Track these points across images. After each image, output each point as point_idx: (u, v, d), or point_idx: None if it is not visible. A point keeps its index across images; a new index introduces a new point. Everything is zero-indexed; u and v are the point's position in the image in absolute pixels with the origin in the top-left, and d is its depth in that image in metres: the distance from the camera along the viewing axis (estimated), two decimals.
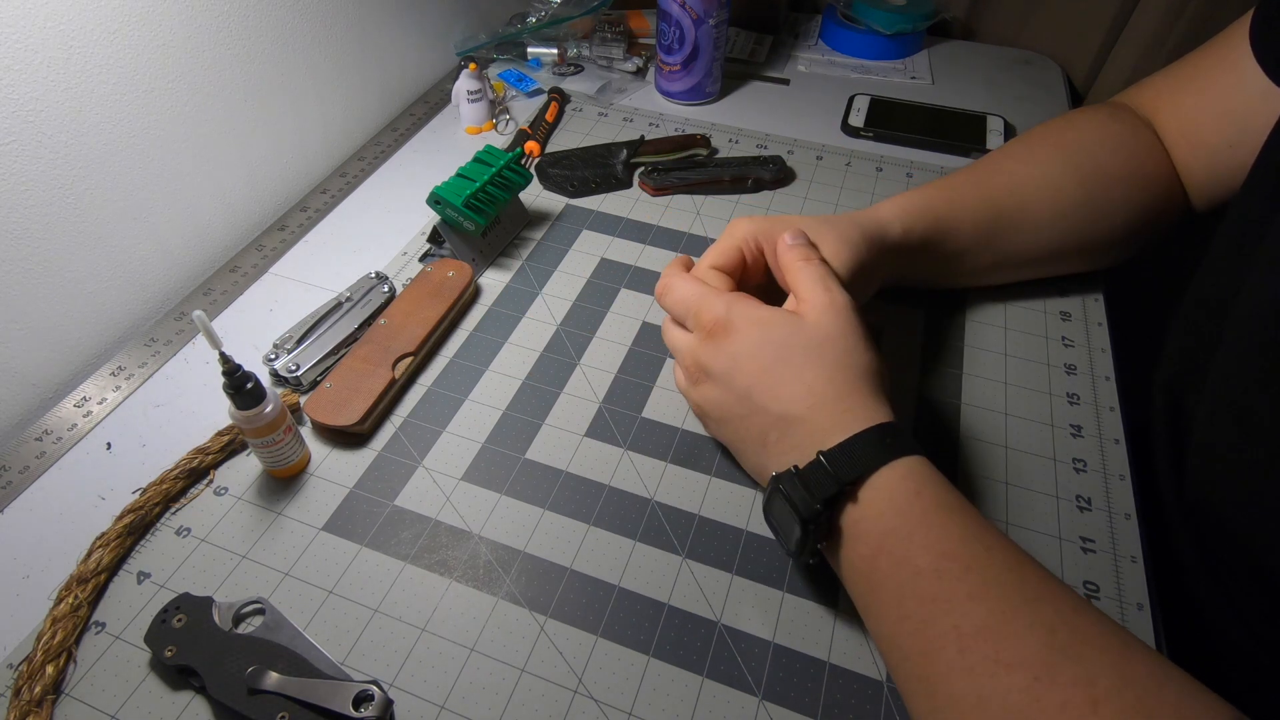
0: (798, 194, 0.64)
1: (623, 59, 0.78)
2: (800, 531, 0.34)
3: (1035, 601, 0.29)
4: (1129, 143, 0.51)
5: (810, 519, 0.33)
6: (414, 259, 0.56)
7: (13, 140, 0.42)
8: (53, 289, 0.47)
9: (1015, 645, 0.28)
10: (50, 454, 0.44)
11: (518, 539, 0.40)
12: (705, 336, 0.40)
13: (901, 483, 0.33)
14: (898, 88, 0.78)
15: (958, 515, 0.32)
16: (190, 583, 0.38)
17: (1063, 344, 0.51)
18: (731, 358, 0.38)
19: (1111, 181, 0.50)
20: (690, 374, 0.41)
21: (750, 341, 0.38)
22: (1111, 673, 0.26)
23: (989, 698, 0.27)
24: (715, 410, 0.40)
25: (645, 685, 0.35)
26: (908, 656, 0.31)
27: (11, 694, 0.34)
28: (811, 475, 0.34)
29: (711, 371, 0.39)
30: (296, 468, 0.43)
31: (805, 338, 0.37)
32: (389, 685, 0.35)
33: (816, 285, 0.39)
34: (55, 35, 0.42)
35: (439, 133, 0.70)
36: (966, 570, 0.30)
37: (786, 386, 0.36)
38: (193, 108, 0.52)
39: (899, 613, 0.31)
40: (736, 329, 0.38)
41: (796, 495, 0.33)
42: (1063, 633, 0.28)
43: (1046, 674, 0.27)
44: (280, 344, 0.48)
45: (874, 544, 0.33)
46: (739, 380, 0.38)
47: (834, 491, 0.33)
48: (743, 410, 0.38)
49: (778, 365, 0.37)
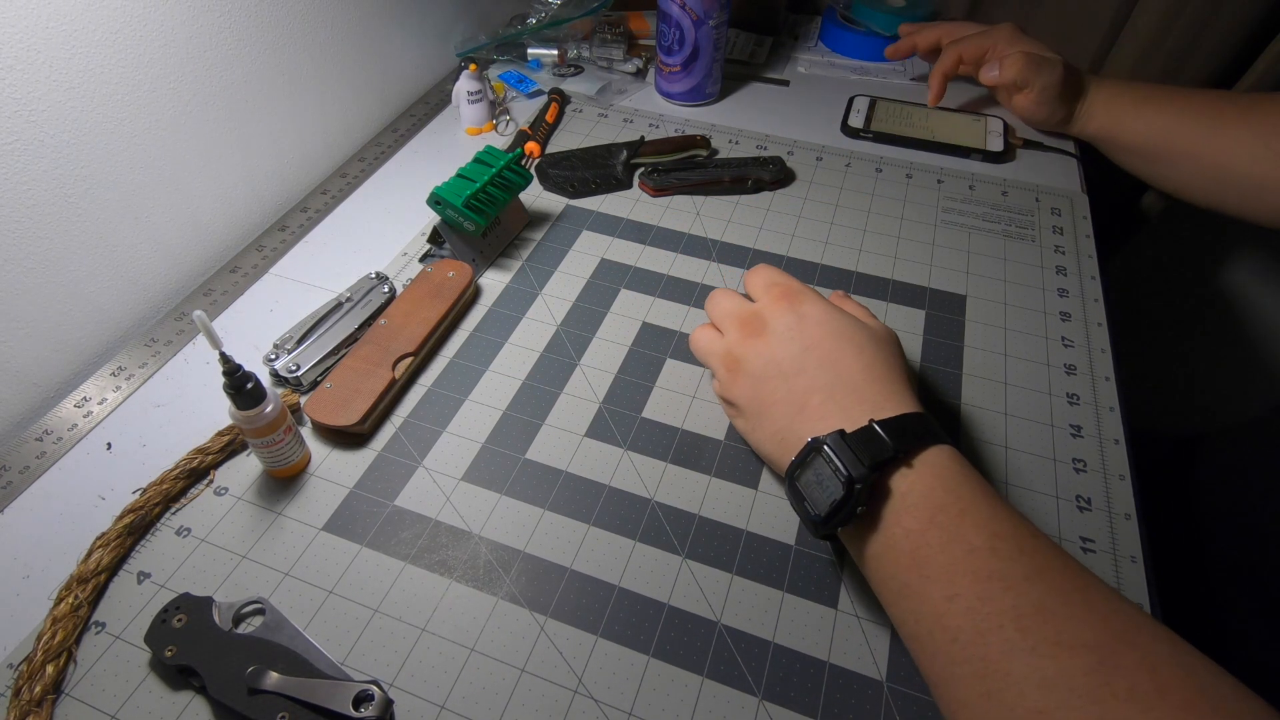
0: (797, 195, 0.64)
1: (623, 60, 0.78)
2: (843, 494, 0.33)
3: (1086, 588, 0.29)
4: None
5: (859, 479, 0.32)
6: (414, 259, 0.57)
7: (14, 140, 0.42)
8: (53, 289, 0.47)
9: (1076, 628, 0.28)
10: (50, 454, 0.44)
11: (518, 539, 0.40)
12: (779, 297, 0.40)
13: (953, 461, 0.34)
14: (897, 89, 0.78)
15: (1004, 503, 0.33)
16: (190, 583, 0.38)
17: (1063, 344, 0.51)
18: (800, 317, 0.39)
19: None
20: (746, 325, 0.41)
21: (821, 310, 0.40)
22: (1171, 661, 0.27)
23: (1054, 679, 0.27)
24: (757, 366, 0.39)
25: (645, 685, 0.35)
26: (957, 637, 0.30)
27: (11, 694, 0.34)
28: (864, 438, 0.34)
29: (771, 325, 0.40)
30: (296, 468, 0.43)
31: (867, 328, 0.39)
32: (389, 685, 0.35)
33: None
34: (57, 36, 0.43)
35: (439, 133, 0.71)
36: (1020, 551, 0.31)
37: (847, 357, 0.37)
38: (194, 108, 0.52)
39: (949, 590, 0.31)
40: (810, 298, 0.40)
41: (845, 456, 0.33)
42: (1118, 620, 0.28)
43: (1111, 657, 0.27)
44: (280, 344, 0.48)
45: (924, 518, 0.32)
46: (802, 337, 0.39)
47: (888, 456, 0.33)
48: (792, 368, 0.38)
49: (841, 337, 0.38)
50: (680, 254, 0.58)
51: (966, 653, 0.29)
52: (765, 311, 0.40)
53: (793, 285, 0.41)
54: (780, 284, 0.41)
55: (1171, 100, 0.59)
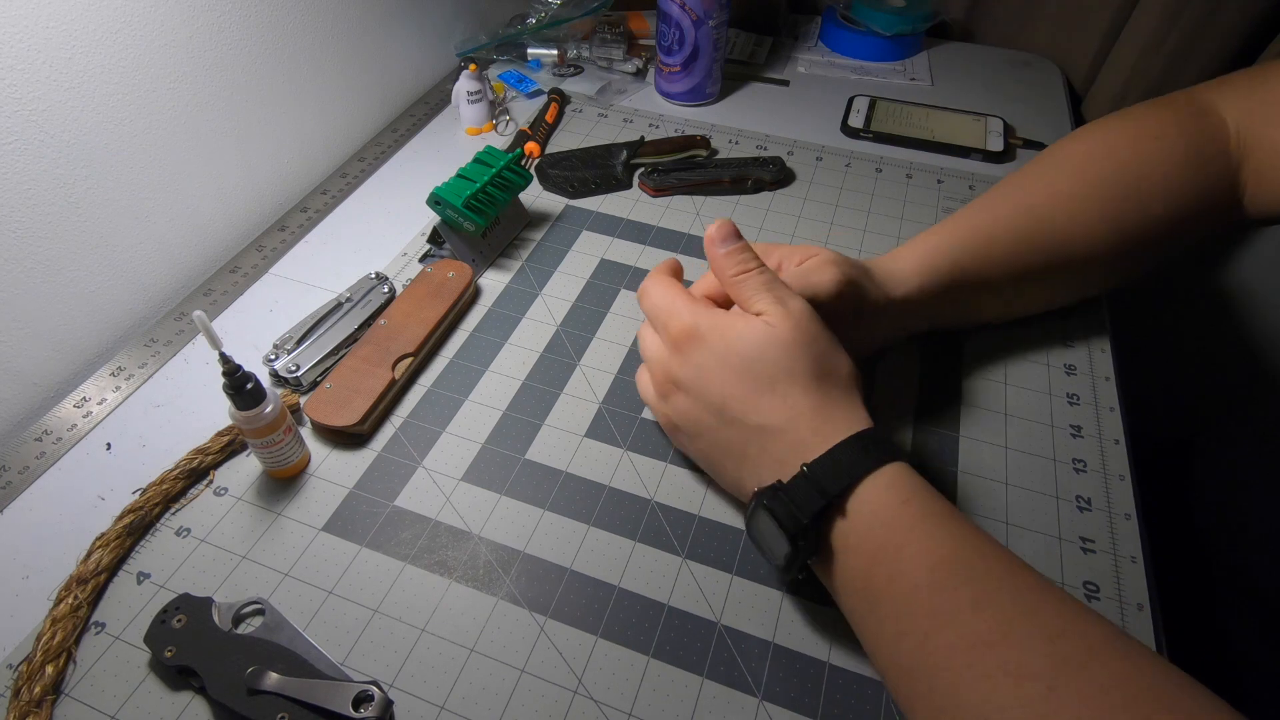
0: (797, 195, 0.64)
1: (623, 60, 0.78)
2: (790, 548, 0.33)
3: (1035, 609, 0.29)
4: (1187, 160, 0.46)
5: (798, 534, 0.32)
6: (414, 259, 0.57)
7: (15, 139, 0.42)
8: (53, 289, 0.47)
9: (1023, 656, 0.27)
10: (50, 454, 0.44)
11: (518, 539, 0.40)
12: (673, 347, 0.38)
13: (887, 493, 0.32)
14: (897, 89, 0.78)
15: (948, 523, 0.32)
16: (190, 583, 0.38)
17: (1063, 344, 0.51)
18: (698, 368, 0.37)
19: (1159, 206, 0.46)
20: (660, 386, 0.40)
21: (717, 351, 0.36)
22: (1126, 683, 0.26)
23: (1006, 707, 0.27)
24: (687, 424, 0.39)
25: (645, 686, 0.35)
26: (909, 673, 0.30)
27: (11, 694, 0.34)
28: (797, 489, 0.33)
29: (681, 382, 0.38)
30: (296, 468, 0.43)
31: (775, 347, 0.35)
32: (389, 686, 0.35)
33: (764, 297, 0.37)
34: (58, 35, 0.43)
35: (439, 133, 0.70)
36: (964, 581, 0.30)
37: (761, 398, 0.35)
38: (194, 108, 0.52)
39: (898, 629, 0.30)
40: (703, 338, 0.37)
41: (782, 511, 0.32)
42: (1067, 641, 0.27)
43: (1061, 684, 0.26)
44: (280, 344, 0.48)
45: (866, 558, 0.32)
46: (711, 391, 0.37)
47: (821, 506, 0.32)
48: (716, 423, 0.37)
49: (748, 376, 0.36)
50: (680, 254, 0.58)
51: (920, 687, 0.29)
52: (671, 368, 0.38)
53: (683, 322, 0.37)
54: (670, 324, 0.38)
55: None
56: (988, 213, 0.46)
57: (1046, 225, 0.46)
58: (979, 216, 0.46)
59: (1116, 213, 0.46)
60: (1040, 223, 0.45)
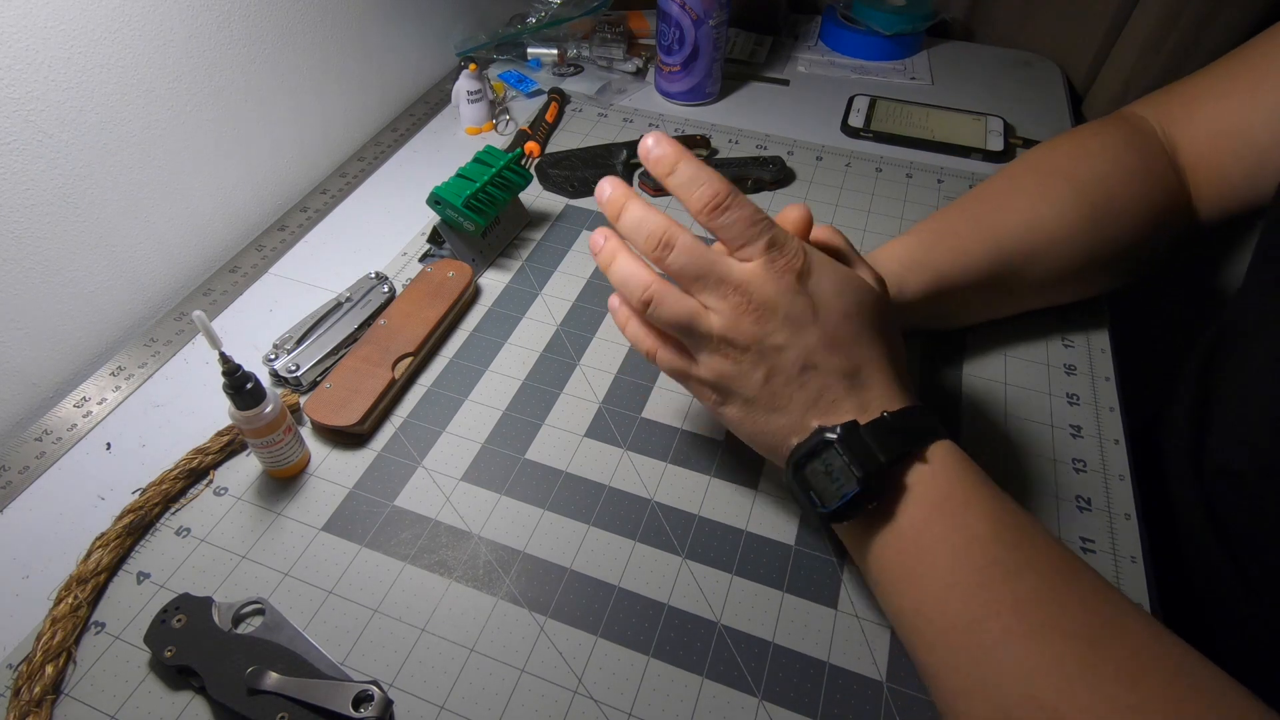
0: (798, 195, 0.64)
1: (623, 59, 0.78)
2: (859, 488, 0.32)
3: (1080, 578, 0.31)
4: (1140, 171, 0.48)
5: (874, 473, 0.32)
6: (414, 259, 0.56)
7: (13, 140, 0.42)
8: (53, 288, 0.47)
9: (1070, 615, 0.29)
10: (50, 454, 0.44)
11: (518, 539, 0.40)
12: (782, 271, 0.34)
13: (955, 452, 0.34)
14: (897, 88, 0.78)
15: (1004, 493, 0.34)
16: (190, 583, 0.38)
17: (1063, 345, 0.51)
18: (811, 298, 0.34)
19: (1124, 218, 0.47)
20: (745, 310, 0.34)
21: (831, 284, 0.34)
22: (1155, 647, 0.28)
23: (1048, 665, 0.28)
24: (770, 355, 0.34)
25: (645, 685, 0.35)
26: (955, 624, 0.30)
27: (11, 694, 0.34)
28: (879, 430, 0.33)
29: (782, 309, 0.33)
30: (296, 468, 0.43)
31: (881, 301, 0.36)
32: (389, 685, 0.35)
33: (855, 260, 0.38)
34: (56, 35, 0.42)
35: (439, 133, 0.70)
36: (1020, 541, 0.31)
37: (861, 340, 0.35)
38: (193, 108, 0.52)
39: (950, 578, 0.31)
40: (816, 269, 0.34)
41: (860, 449, 0.32)
42: (1107, 609, 0.30)
43: (1101, 644, 0.28)
44: (280, 344, 0.48)
45: (929, 508, 0.33)
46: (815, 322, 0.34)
47: (902, 451, 0.33)
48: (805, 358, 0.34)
49: (852, 317, 0.35)
50: None
51: (964, 640, 0.30)
52: (767, 292, 0.33)
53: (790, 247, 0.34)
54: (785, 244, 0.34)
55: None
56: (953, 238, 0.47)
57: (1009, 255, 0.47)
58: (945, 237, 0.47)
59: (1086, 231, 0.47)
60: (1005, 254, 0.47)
